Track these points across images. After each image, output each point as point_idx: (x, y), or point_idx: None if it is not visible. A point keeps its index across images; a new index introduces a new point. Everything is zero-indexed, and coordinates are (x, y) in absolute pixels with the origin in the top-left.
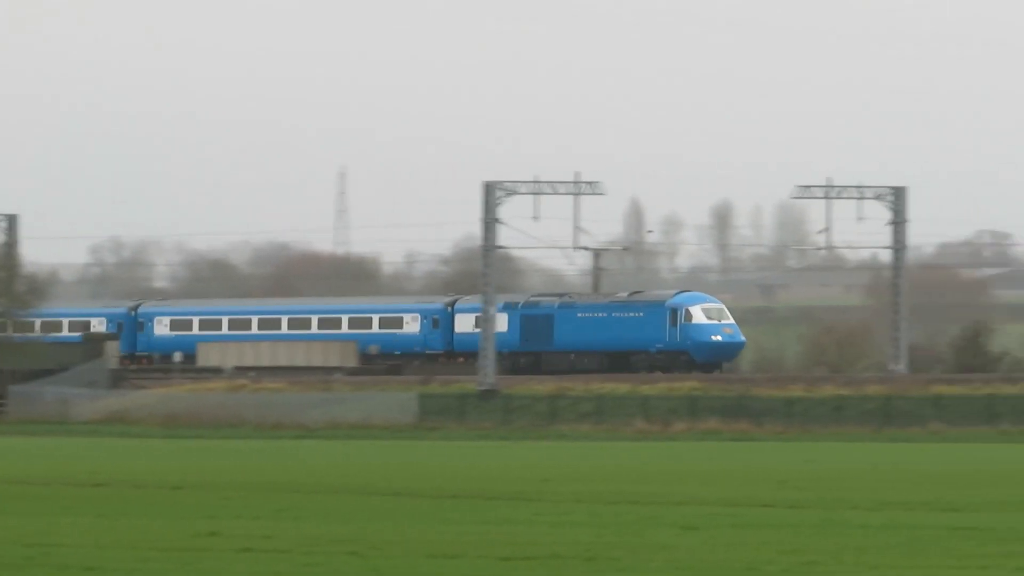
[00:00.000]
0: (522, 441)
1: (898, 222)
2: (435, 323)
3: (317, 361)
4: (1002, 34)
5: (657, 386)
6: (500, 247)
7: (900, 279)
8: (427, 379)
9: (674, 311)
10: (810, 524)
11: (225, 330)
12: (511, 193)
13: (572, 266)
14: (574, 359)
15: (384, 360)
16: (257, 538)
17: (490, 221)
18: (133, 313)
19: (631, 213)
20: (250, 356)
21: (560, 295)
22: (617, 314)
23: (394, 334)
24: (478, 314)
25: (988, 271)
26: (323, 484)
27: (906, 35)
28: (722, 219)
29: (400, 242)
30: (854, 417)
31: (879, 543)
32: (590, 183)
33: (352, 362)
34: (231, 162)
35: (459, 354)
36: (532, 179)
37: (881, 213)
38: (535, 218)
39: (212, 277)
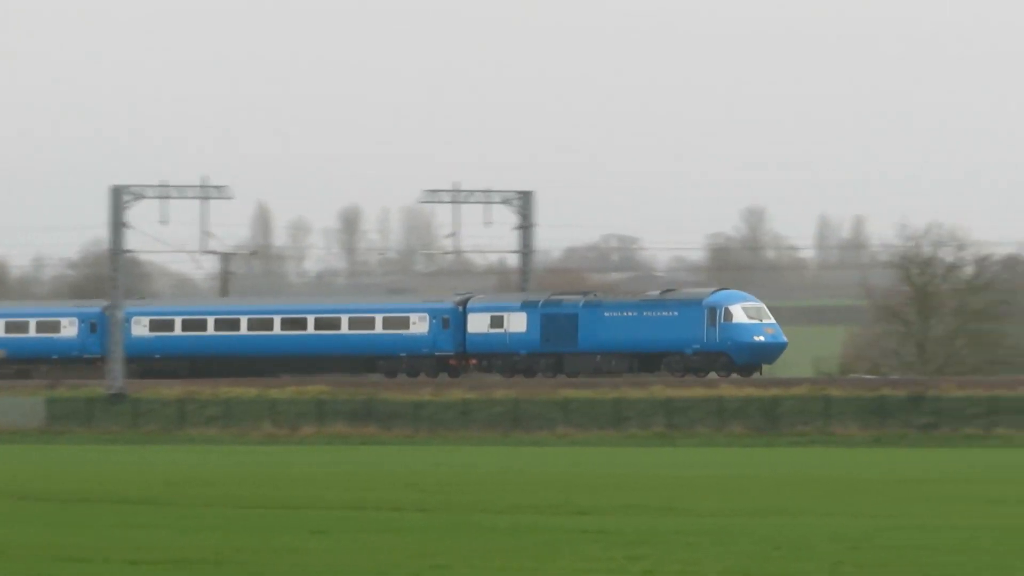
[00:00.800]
0: (150, 445)
1: (525, 226)
2: (445, 323)
3: None
4: (628, 32)
5: (285, 390)
6: (128, 251)
7: (528, 283)
8: (55, 383)
9: (712, 310)
10: (439, 527)
11: (211, 331)
12: (139, 197)
13: (200, 270)
14: (600, 361)
15: (388, 363)
16: None
17: (117, 225)
18: (108, 313)
19: (259, 217)
20: None
21: (584, 293)
22: (648, 313)
23: (399, 335)
24: (494, 313)
25: (615, 275)
26: None
27: (526, 31)
28: (350, 223)
29: (27, 246)
30: (482, 420)
31: (508, 546)
32: (218, 187)
33: None
34: None
35: (472, 356)
36: (160, 183)
37: (509, 217)
38: (163, 222)
39: None
